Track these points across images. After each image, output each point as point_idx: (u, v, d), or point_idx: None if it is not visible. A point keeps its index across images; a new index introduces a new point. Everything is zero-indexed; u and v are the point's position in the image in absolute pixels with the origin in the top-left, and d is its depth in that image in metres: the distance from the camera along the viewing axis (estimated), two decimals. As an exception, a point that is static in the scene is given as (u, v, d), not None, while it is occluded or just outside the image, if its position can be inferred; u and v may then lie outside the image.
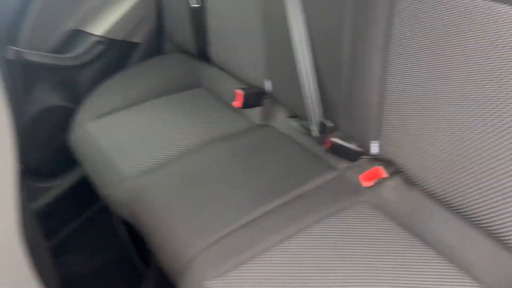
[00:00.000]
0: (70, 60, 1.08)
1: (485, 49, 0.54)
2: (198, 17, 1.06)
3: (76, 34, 1.09)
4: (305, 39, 0.78)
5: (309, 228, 0.70)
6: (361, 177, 0.76)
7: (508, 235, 0.58)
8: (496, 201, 0.59)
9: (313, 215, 0.72)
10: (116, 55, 1.15)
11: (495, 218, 0.59)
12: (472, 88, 0.57)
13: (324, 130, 0.83)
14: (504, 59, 0.53)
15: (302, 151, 0.88)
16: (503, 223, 0.59)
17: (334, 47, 0.74)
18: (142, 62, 1.20)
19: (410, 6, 0.62)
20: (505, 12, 0.51)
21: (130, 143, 0.92)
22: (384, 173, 0.72)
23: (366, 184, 0.75)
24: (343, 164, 0.83)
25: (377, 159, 0.76)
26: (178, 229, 0.72)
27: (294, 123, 0.94)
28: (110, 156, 0.89)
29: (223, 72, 1.08)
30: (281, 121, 0.97)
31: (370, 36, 0.68)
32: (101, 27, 1.10)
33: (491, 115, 0.56)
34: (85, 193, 1.05)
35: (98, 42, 1.10)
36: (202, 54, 1.11)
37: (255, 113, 1.01)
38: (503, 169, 0.57)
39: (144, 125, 0.97)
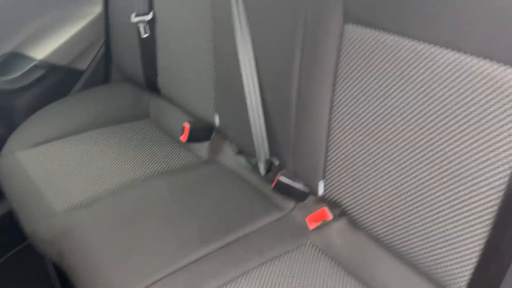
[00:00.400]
0: (5, 83, 1.01)
1: (428, 93, 0.55)
2: (148, 47, 1.03)
3: (15, 57, 1.03)
4: (254, 76, 0.76)
5: (252, 272, 0.66)
6: (308, 219, 0.74)
7: (452, 283, 0.57)
8: (440, 247, 0.57)
9: (256, 257, 0.69)
10: (58, 81, 1.09)
11: (440, 265, 0.58)
12: (416, 132, 0.57)
13: (271, 168, 0.81)
14: (447, 104, 0.53)
15: (249, 189, 0.85)
16: (447, 270, 0.57)
17: (283, 85, 0.73)
18: (86, 90, 1.15)
19: (355, 48, 0.62)
20: (448, 57, 0.52)
21: (64, 175, 0.85)
22: (329, 215, 0.70)
23: (312, 226, 0.72)
24: (290, 204, 0.81)
25: (324, 200, 0.75)
26: (106, 272, 0.66)
27: (241, 160, 0.91)
28: (39, 189, 0.82)
29: (171, 104, 1.05)
30: (229, 157, 0.94)
31: (318, 76, 0.67)
32: (43, 51, 1.04)
33: (436, 159, 0.56)
34: (11, 229, 0.95)
35: (38, 66, 1.03)
36: (151, 85, 1.07)
37: (203, 148, 0.98)
38: (447, 215, 0.56)
39: (82, 156, 0.90)
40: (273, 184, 0.77)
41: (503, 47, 0.48)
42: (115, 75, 1.22)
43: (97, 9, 1.10)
